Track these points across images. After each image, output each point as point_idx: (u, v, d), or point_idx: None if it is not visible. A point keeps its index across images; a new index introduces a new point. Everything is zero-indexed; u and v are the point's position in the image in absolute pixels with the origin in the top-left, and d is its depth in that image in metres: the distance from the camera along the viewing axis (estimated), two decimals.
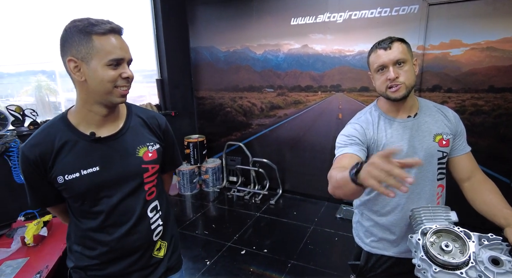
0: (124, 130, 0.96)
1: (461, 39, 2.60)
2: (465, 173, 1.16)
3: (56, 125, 0.89)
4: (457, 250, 0.82)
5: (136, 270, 1.01)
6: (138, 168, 0.96)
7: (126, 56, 0.86)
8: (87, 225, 0.94)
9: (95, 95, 0.85)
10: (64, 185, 0.87)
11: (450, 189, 1.22)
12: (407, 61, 1.04)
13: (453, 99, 2.72)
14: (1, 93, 2.84)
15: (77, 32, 0.81)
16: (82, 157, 0.88)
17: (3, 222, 2.44)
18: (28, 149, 0.86)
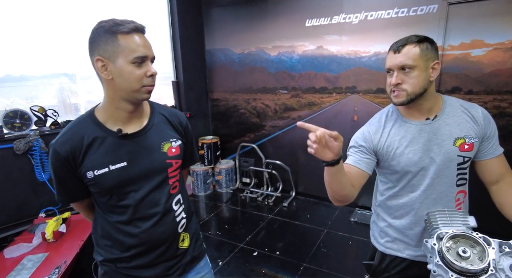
0: (149, 127, 0.99)
1: (483, 39, 2.51)
2: (493, 176, 1.10)
3: (84, 123, 0.93)
4: (476, 256, 0.79)
5: (162, 261, 1.04)
6: (163, 163, 1.00)
7: (149, 54, 0.89)
8: (116, 218, 0.97)
9: (121, 93, 0.89)
10: (93, 179, 0.90)
11: (471, 194, 1.18)
12: (415, 67, 0.98)
13: (474, 101, 2.59)
14: (26, 95, 2.96)
15: (103, 32, 0.85)
16: (110, 153, 0.92)
17: (25, 218, 2.54)
18: (59, 145, 0.89)
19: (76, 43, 3.01)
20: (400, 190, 1.13)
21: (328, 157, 0.90)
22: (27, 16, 2.70)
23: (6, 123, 2.44)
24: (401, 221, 1.15)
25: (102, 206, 0.98)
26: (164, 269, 1.04)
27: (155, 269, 1.03)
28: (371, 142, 1.11)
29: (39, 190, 2.62)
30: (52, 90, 3.10)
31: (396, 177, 1.13)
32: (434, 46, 1.03)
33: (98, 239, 1.04)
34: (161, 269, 1.04)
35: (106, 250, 1.02)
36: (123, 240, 0.98)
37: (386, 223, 1.20)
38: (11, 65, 2.78)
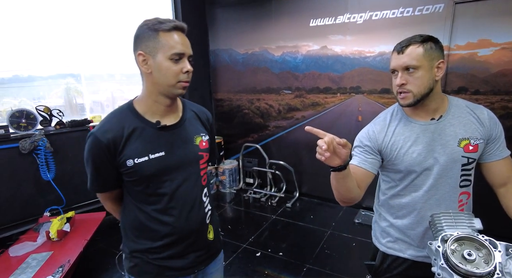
0: (183, 120, 1.05)
1: (491, 39, 2.48)
2: (500, 179, 1.08)
3: (124, 114, 0.98)
4: (481, 259, 0.77)
5: (192, 251, 1.07)
6: (196, 154, 1.06)
7: (186, 51, 0.94)
8: (150, 207, 1.00)
9: (159, 87, 0.95)
10: (133, 167, 0.95)
11: (478, 197, 1.16)
12: (419, 67, 0.98)
13: (481, 102, 2.59)
14: (34, 95, 2.99)
15: (147, 29, 0.92)
16: (149, 143, 0.97)
17: (31, 216, 2.57)
18: (101, 134, 0.93)
19: (81, 44, 3.04)
20: (402, 189, 1.12)
21: (336, 163, 0.91)
22: (35, 18, 2.73)
23: (12, 123, 2.46)
24: (403, 220, 1.14)
25: (136, 195, 1.01)
26: (193, 259, 1.08)
27: (186, 259, 1.06)
28: (375, 141, 1.11)
29: (44, 189, 2.64)
30: (59, 91, 3.14)
31: (399, 176, 1.12)
32: (439, 45, 1.02)
33: (127, 230, 1.06)
34: (191, 259, 1.07)
35: (136, 241, 1.04)
36: (156, 229, 1.01)
37: (388, 223, 1.20)
38: (19, 66, 2.82)
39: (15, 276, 1.82)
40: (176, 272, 1.06)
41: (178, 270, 1.06)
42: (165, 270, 1.05)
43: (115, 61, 3.40)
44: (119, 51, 3.35)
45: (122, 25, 3.33)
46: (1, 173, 2.41)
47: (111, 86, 3.56)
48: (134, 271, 1.06)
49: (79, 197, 2.89)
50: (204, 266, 1.12)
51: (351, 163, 1.10)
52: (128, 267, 1.07)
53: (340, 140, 0.86)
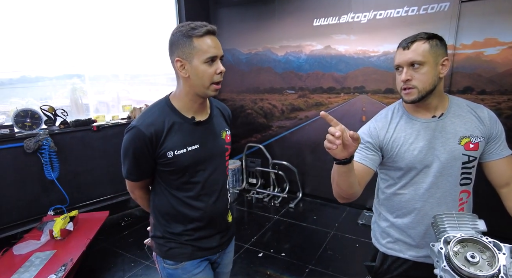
0: (212, 117, 1.15)
1: (497, 38, 2.44)
2: (502, 179, 1.07)
3: (163, 109, 1.06)
4: (485, 262, 0.75)
5: (217, 233, 1.19)
6: (223, 147, 1.17)
7: (218, 54, 1.01)
8: (184, 194, 1.10)
9: (195, 88, 1.02)
10: (173, 158, 1.03)
11: (484, 198, 1.14)
12: (425, 63, 0.98)
13: (487, 102, 2.55)
14: (40, 95, 3.02)
15: (181, 36, 0.98)
16: (187, 136, 1.06)
17: (35, 215, 2.59)
18: (145, 126, 1.00)
19: (86, 45, 3.06)
20: (402, 187, 1.12)
21: (342, 156, 0.90)
22: (42, 21, 2.76)
23: (17, 123, 2.49)
24: (403, 219, 1.13)
25: (171, 183, 1.09)
26: (219, 239, 1.20)
27: (213, 240, 1.18)
28: (377, 137, 1.11)
29: (48, 188, 2.66)
30: (65, 91, 3.16)
31: (399, 174, 1.12)
32: (443, 43, 1.02)
33: (159, 216, 1.14)
34: (217, 239, 1.19)
35: (169, 226, 1.13)
36: (188, 213, 1.11)
37: (388, 223, 1.18)
38: (27, 66, 2.85)
39: (18, 274, 1.83)
40: (206, 252, 1.17)
41: (208, 249, 1.17)
42: (197, 250, 1.15)
43: (119, 62, 3.42)
44: (123, 52, 3.37)
45: (127, 26, 3.35)
46: (6, 172, 2.44)
47: (116, 86, 3.58)
48: (169, 254, 1.13)
49: (82, 196, 2.91)
50: (226, 246, 1.25)
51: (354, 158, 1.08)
52: (163, 252, 1.14)
53: (353, 133, 0.85)
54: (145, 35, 3.52)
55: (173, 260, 1.14)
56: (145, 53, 3.53)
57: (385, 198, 1.18)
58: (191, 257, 1.14)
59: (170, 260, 1.14)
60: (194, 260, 1.14)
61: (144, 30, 3.50)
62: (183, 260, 1.13)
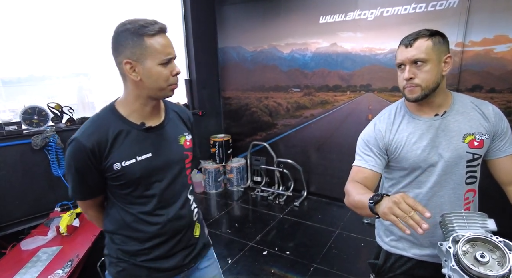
0: (167, 121, 1.05)
1: (508, 34, 2.39)
2: (509, 176, 1.06)
3: (107, 117, 0.95)
4: (495, 261, 0.74)
5: (180, 250, 1.07)
6: (181, 154, 1.06)
7: (174, 54, 0.93)
8: (138, 209, 0.99)
9: (149, 92, 0.93)
10: (122, 170, 0.93)
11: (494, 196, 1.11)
12: (428, 61, 0.96)
13: (497, 100, 2.50)
14: (47, 93, 3.05)
15: (129, 34, 0.87)
16: (136, 145, 0.95)
17: (42, 211, 2.62)
18: (85, 138, 0.89)
19: (91, 44, 3.08)
20: (405, 186, 1.11)
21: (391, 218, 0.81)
22: (49, 20, 2.78)
23: (25, 120, 2.52)
24: None
25: (123, 198, 0.99)
26: (181, 258, 1.07)
27: (174, 259, 1.06)
28: (382, 140, 1.09)
29: (55, 184, 2.69)
30: (71, 89, 3.19)
31: (403, 174, 1.10)
32: (446, 40, 1.01)
33: (113, 235, 1.03)
34: (179, 258, 1.07)
35: (123, 245, 1.02)
36: (145, 230, 1.00)
37: None
38: (34, 65, 2.88)
39: (26, 269, 1.85)
40: (165, 273, 1.05)
41: (167, 270, 1.05)
42: (154, 272, 1.03)
43: None
44: None
45: None
46: (14, 168, 2.47)
47: (121, 84, 3.60)
48: (121, 276, 1.03)
49: None
50: (193, 263, 1.12)
51: (359, 165, 1.10)
52: (115, 272, 1.04)
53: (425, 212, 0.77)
54: None
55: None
56: None
57: (386, 191, 1.18)
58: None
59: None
60: None
61: None
62: None
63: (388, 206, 0.77)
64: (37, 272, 1.81)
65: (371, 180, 1.06)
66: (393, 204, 0.76)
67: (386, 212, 0.77)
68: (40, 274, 1.79)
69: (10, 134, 2.41)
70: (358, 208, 0.95)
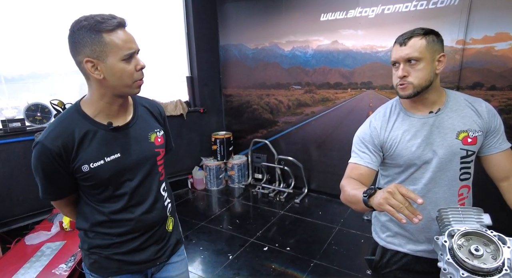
0: (135, 119, 1.02)
1: (509, 32, 2.39)
2: (502, 172, 1.07)
3: (72, 118, 0.92)
4: (489, 255, 0.76)
5: (152, 244, 1.08)
6: (152, 152, 1.04)
7: (136, 48, 0.90)
8: (110, 208, 0.99)
9: (113, 90, 0.90)
10: (90, 172, 0.91)
11: (489, 192, 1.13)
12: (421, 60, 0.97)
13: (497, 98, 2.51)
14: (50, 91, 3.08)
15: (87, 32, 0.82)
16: (103, 145, 0.93)
17: (45, 207, 2.65)
18: (50, 141, 0.86)
19: None
20: (401, 183, 1.12)
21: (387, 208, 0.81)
22: (51, 17, 2.80)
23: (28, 116, 2.54)
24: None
25: (94, 198, 0.99)
26: (153, 252, 1.08)
27: (146, 252, 1.07)
28: (377, 137, 1.11)
29: None
30: (74, 87, 3.21)
31: (398, 171, 1.12)
32: (440, 38, 1.02)
33: (86, 232, 1.03)
34: (151, 252, 1.08)
35: (94, 238, 1.02)
36: (116, 227, 1.00)
37: (387, 217, 1.19)
38: (36, 63, 2.90)
39: (30, 263, 1.88)
40: (137, 266, 1.06)
41: (139, 263, 1.06)
42: (125, 264, 1.04)
43: None
44: None
45: (134, 23, 3.38)
46: (17, 165, 2.50)
47: None
48: (94, 268, 1.04)
49: None
50: (166, 258, 1.13)
51: (355, 162, 1.12)
52: (88, 264, 1.05)
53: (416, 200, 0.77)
54: (153, 31, 3.54)
55: (98, 274, 1.04)
56: (153, 49, 3.56)
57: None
58: (117, 273, 1.04)
59: (95, 273, 1.05)
60: (122, 275, 1.05)
61: (151, 27, 3.52)
62: (109, 275, 1.04)
63: (383, 196, 0.78)
64: (41, 267, 1.84)
65: (366, 177, 1.08)
66: (388, 195, 0.77)
67: (382, 202, 0.78)
68: (44, 268, 1.82)
69: (13, 131, 2.44)
70: (353, 202, 0.96)
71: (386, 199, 0.77)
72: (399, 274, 1.17)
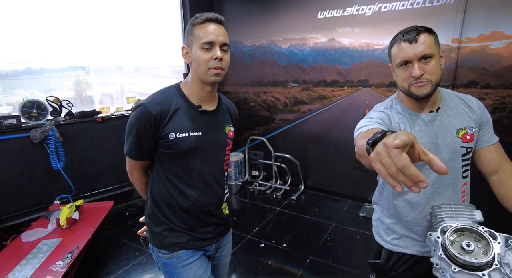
0: (218, 109, 1.17)
1: (504, 31, 2.41)
2: (491, 166, 1.08)
3: (172, 93, 1.09)
4: (480, 250, 0.77)
5: (212, 224, 1.20)
6: (225, 140, 1.18)
7: (216, 40, 1.01)
8: (181, 180, 1.11)
9: (197, 74, 1.05)
10: (175, 140, 1.05)
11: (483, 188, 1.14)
12: (434, 56, 0.94)
13: (491, 96, 2.54)
14: (45, 87, 3.05)
15: (189, 25, 1.05)
16: (191, 122, 1.07)
17: (42, 204, 2.65)
18: (152, 105, 1.02)
19: (90, 37, 3.07)
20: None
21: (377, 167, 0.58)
22: (46, 12, 2.76)
23: (24, 113, 2.52)
24: (408, 217, 1.11)
25: (168, 167, 1.10)
26: (214, 229, 1.20)
27: (207, 230, 1.18)
28: (390, 123, 1.04)
29: (54, 178, 2.71)
30: (69, 83, 3.19)
31: None
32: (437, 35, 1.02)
33: (155, 203, 1.15)
34: (211, 230, 1.20)
35: (164, 213, 1.14)
36: (181, 202, 1.12)
37: (392, 220, 1.17)
38: (31, 58, 2.87)
39: (27, 260, 1.88)
40: (201, 242, 1.18)
41: (203, 240, 1.18)
42: (192, 240, 1.16)
43: (123, 54, 3.43)
44: (127, 44, 3.38)
45: (131, 18, 3.35)
46: (14, 161, 2.49)
47: (119, 78, 3.60)
48: (164, 244, 1.15)
49: (87, 186, 2.96)
50: (221, 237, 1.26)
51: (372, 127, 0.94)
52: (158, 241, 1.15)
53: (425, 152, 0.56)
54: (150, 27, 3.52)
55: (167, 250, 1.15)
56: (149, 45, 3.54)
57: (388, 195, 1.16)
58: (185, 247, 1.15)
59: (165, 249, 1.15)
60: (188, 250, 1.15)
61: (148, 23, 3.50)
62: (178, 249, 1.14)
63: (376, 149, 0.54)
64: (38, 263, 1.84)
65: None
66: (382, 148, 0.53)
67: (373, 158, 0.55)
68: (41, 265, 1.82)
69: (9, 128, 2.42)
70: (363, 154, 0.68)
71: (378, 154, 0.53)
72: (405, 276, 1.16)
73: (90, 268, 2.30)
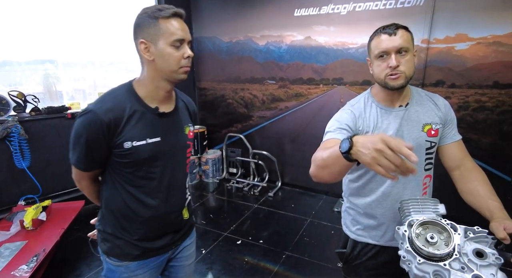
0: (176, 109, 1.09)
1: (467, 33, 2.55)
2: (454, 162, 1.15)
3: (125, 95, 0.98)
4: (442, 242, 0.81)
5: (170, 232, 1.14)
6: (184, 143, 1.12)
7: (186, 37, 0.97)
8: (139, 190, 1.03)
9: (162, 73, 0.97)
10: (131, 149, 0.96)
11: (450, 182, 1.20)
12: (409, 51, 1.01)
13: (457, 95, 2.68)
14: (10, 81, 2.86)
15: (146, 17, 0.93)
16: (148, 127, 0.99)
17: (3, 206, 2.49)
18: (103, 112, 0.92)
19: (57, 29, 2.90)
20: (372, 176, 1.14)
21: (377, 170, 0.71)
22: (10, 2, 2.58)
23: None
24: (366, 199, 1.16)
25: (125, 176, 1.01)
26: (171, 238, 1.14)
27: (165, 238, 1.13)
28: (355, 124, 1.11)
29: (19, 177, 2.56)
30: (37, 77, 3.01)
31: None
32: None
33: (109, 212, 1.07)
34: (169, 238, 1.14)
35: (118, 222, 1.06)
36: (140, 211, 1.04)
37: (358, 210, 1.22)
38: None
39: None
40: (155, 252, 1.12)
41: (157, 249, 1.12)
42: (146, 251, 1.09)
43: (95, 49, 3.28)
44: (99, 39, 3.23)
45: (103, 12, 3.21)
46: None
47: (92, 73, 3.45)
48: (115, 253, 1.07)
49: (56, 185, 2.82)
50: (180, 242, 1.21)
51: (333, 137, 1.05)
52: (109, 247, 1.08)
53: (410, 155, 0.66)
54: (122, 21, 3.39)
55: (118, 259, 1.08)
56: (122, 39, 3.41)
57: (357, 186, 1.19)
58: (137, 258, 1.08)
59: (115, 258, 1.08)
60: (140, 261, 1.09)
61: (121, 17, 3.37)
62: (129, 260, 1.08)
63: (371, 155, 0.67)
64: None
65: None
66: (377, 154, 0.66)
67: (371, 163, 0.67)
68: (2, 270, 1.72)
69: None
70: (330, 164, 0.82)
71: (375, 159, 0.66)
72: (369, 265, 1.22)
73: (59, 271, 2.20)
